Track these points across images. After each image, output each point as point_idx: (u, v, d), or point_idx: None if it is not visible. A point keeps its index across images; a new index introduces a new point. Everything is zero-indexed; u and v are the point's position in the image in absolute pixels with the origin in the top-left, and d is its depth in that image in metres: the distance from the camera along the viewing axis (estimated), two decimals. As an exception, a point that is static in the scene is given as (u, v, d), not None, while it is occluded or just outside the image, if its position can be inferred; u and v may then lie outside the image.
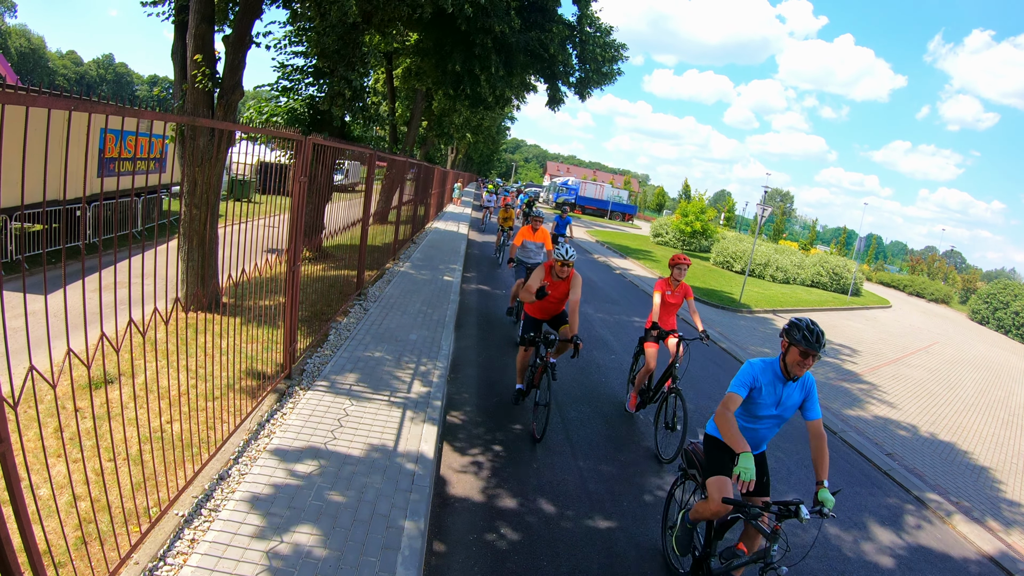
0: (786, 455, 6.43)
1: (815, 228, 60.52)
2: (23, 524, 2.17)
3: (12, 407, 2.13)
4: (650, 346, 6.09)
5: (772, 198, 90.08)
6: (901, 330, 19.95)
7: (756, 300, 17.95)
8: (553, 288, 5.64)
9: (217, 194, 7.15)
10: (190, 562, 2.99)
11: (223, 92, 6.96)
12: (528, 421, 5.89)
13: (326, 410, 4.95)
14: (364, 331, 7.28)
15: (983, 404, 11.44)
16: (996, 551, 5.33)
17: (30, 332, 2.20)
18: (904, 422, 8.90)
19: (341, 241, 8.93)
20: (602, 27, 13.75)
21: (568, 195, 54.81)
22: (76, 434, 3.94)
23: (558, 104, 14.99)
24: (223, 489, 3.66)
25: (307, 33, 10.11)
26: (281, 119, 10.56)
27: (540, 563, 3.82)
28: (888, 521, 5.50)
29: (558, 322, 5.97)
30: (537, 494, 4.63)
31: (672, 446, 5.56)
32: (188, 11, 6.77)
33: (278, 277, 5.49)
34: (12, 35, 77.61)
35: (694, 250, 31.84)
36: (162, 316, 3.25)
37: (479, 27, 11.16)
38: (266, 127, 6.87)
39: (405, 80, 17.76)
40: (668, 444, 5.66)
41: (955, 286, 41.41)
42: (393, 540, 3.44)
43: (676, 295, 6.28)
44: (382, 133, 21.76)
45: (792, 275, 25.77)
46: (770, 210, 18.13)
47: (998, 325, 27.85)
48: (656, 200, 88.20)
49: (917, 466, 7.08)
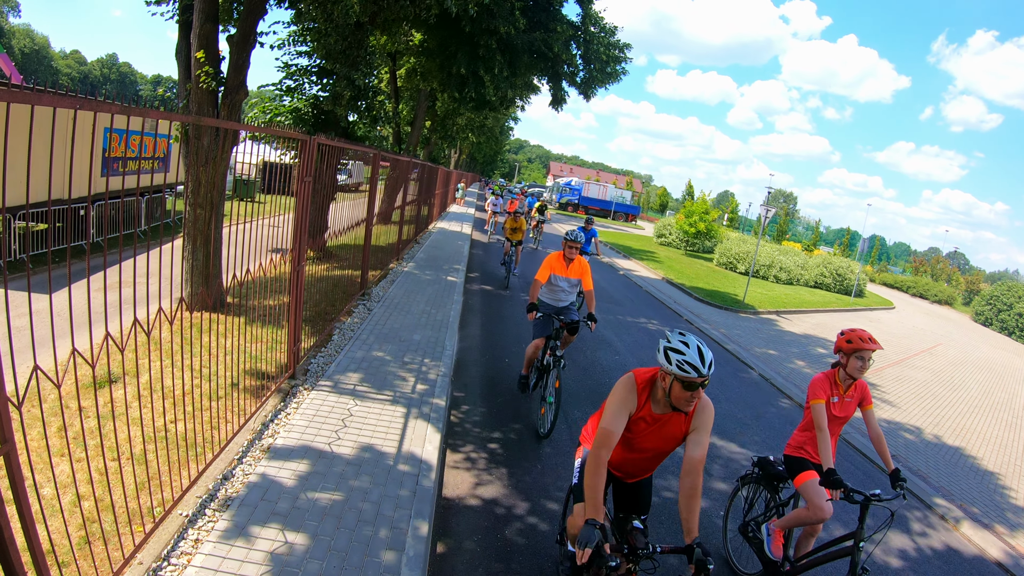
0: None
1: (818, 229, 60.38)
2: (27, 523, 2.16)
3: (16, 407, 2.12)
4: (814, 485, 3.52)
5: (775, 199, 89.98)
6: (904, 332, 19.88)
7: (760, 301, 17.91)
8: None
9: (221, 194, 7.15)
10: (194, 562, 2.98)
11: (227, 92, 6.96)
12: (532, 420, 5.88)
13: (330, 410, 4.95)
14: (368, 331, 7.27)
15: (987, 406, 11.39)
16: (1002, 555, 5.30)
17: (35, 331, 2.19)
18: (908, 424, 8.87)
19: (345, 241, 8.93)
20: (606, 27, 13.74)
21: (571, 196, 54.82)
22: (80, 433, 3.93)
23: (561, 104, 14.98)
24: (227, 489, 3.65)
25: (311, 33, 10.11)
26: (285, 119, 10.56)
27: (543, 564, 3.81)
28: (893, 523, 5.47)
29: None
30: (541, 495, 4.61)
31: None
32: (192, 11, 6.77)
33: (282, 277, 5.49)
34: (16, 34, 77.87)
35: (697, 251, 31.80)
36: (167, 316, 3.25)
37: (484, 28, 11.14)
38: (271, 127, 6.87)
39: (409, 80, 17.74)
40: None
41: (958, 288, 41.30)
42: (397, 541, 3.43)
43: (848, 403, 3.68)
44: (386, 133, 21.77)
45: (795, 276, 25.72)
46: (774, 211, 18.10)
47: (1002, 327, 27.75)
48: (659, 201, 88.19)
49: (921, 468, 7.04)
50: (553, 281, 6.03)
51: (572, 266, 5.99)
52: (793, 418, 7.86)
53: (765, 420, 7.52)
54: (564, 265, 5.98)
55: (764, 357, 11.10)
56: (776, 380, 9.50)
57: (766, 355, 11.32)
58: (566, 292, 6.10)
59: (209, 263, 6.89)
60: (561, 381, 5.42)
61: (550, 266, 5.94)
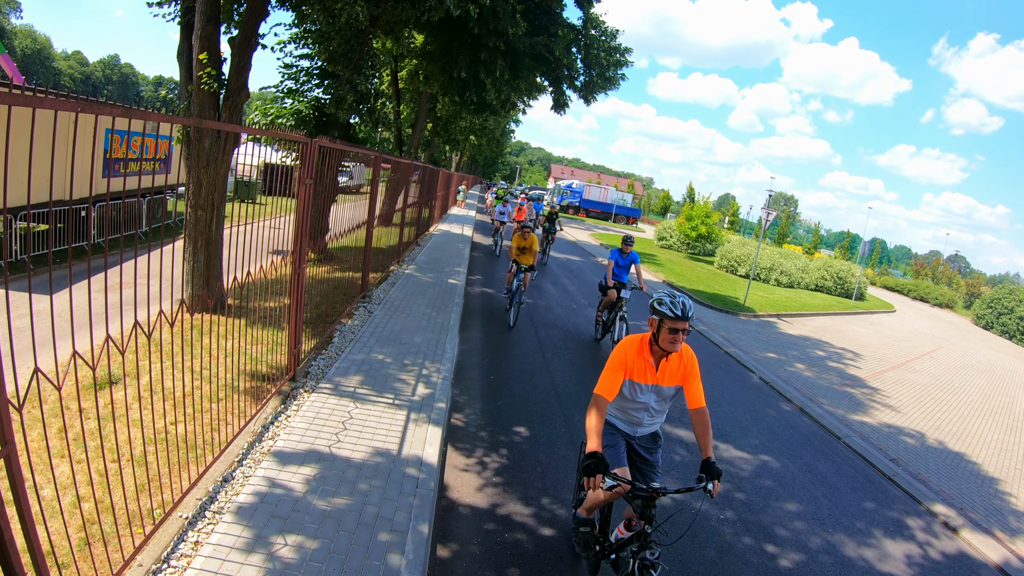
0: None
1: (819, 232, 60.27)
2: (27, 524, 2.16)
3: (17, 408, 2.12)
4: None
5: (776, 202, 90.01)
6: (905, 335, 19.87)
7: (760, 304, 17.90)
8: None
9: (222, 195, 7.15)
10: (194, 565, 2.98)
11: (229, 94, 6.98)
12: (532, 425, 5.89)
13: (330, 413, 4.94)
14: (368, 333, 7.27)
15: (987, 409, 11.37)
16: (1002, 560, 5.29)
17: (35, 332, 2.19)
18: (908, 427, 8.85)
19: (346, 243, 8.94)
20: (607, 30, 13.76)
21: (572, 198, 54.84)
22: (80, 435, 3.93)
23: (563, 108, 15.01)
24: (227, 491, 3.65)
25: (313, 35, 10.13)
26: (287, 121, 10.58)
27: (544, 567, 3.80)
28: (893, 527, 5.46)
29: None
30: (541, 497, 4.61)
31: None
32: (194, 12, 6.79)
33: (283, 279, 5.49)
34: (18, 35, 78.07)
35: (698, 254, 31.79)
36: (167, 318, 3.25)
37: (492, 29, 11.15)
38: (272, 129, 6.88)
39: (410, 82, 17.76)
40: None
41: (959, 291, 41.23)
42: (397, 544, 3.42)
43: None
44: (387, 135, 21.79)
45: (796, 279, 25.70)
46: (775, 214, 18.07)
47: (1002, 330, 27.72)
48: (660, 203, 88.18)
49: (922, 472, 7.03)
50: (630, 395, 3.34)
51: (667, 365, 3.26)
52: (793, 421, 7.86)
53: (765, 423, 7.51)
54: (651, 362, 3.26)
55: (764, 360, 11.09)
56: (776, 383, 9.50)
57: (766, 358, 11.31)
58: (652, 412, 3.41)
59: (210, 265, 6.90)
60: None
61: (623, 365, 3.24)
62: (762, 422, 7.53)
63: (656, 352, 3.25)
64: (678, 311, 3.06)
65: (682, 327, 3.08)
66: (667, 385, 3.29)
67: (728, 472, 5.81)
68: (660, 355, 3.25)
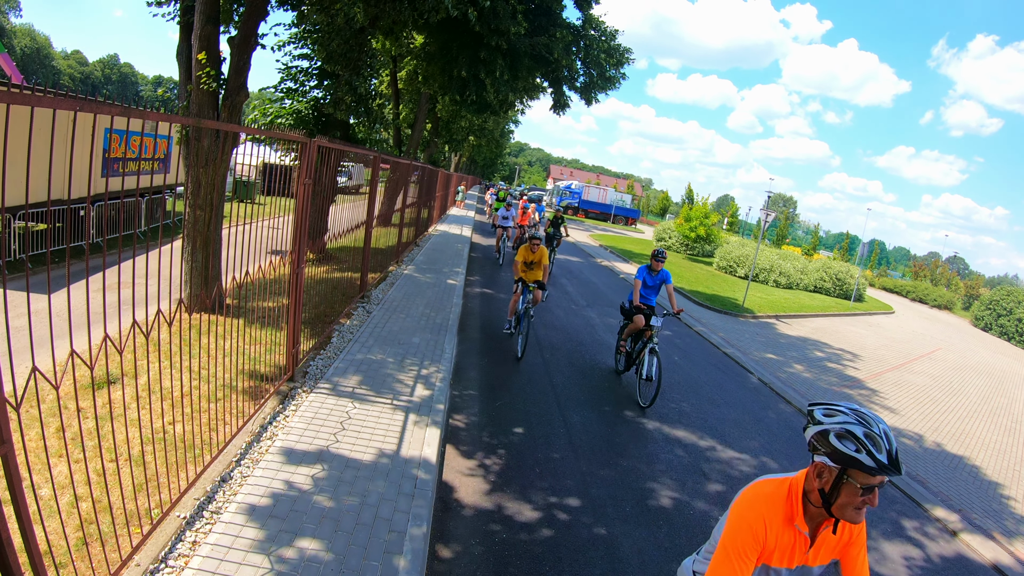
0: (789, 461, 6.40)
1: (818, 233, 60.39)
2: (24, 524, 2.16)
3: (15, 408, 2.12)
4: None
5: (775, 203, 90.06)
6: (904, 336, 19.89)
7: (759, 305, 17.91)
8: None
9: (221, 195, 7.16)
10: (191, 564, 2.97)
11: (228, 93, 6.97)
12: (530, 425, 5.88)
13: (329, 413, 4.94)
14: (367, 334, 7.27)
15: (986, 411, 11.39)
16: (999, 561, 5.29)
17: (33, 331, 2.19)
18: (907, 429, 8.86)
19: (345, 243, 8.93)
20: (607, 31, 13.76)
21: (571, 199, 54.84)
22: (78, 434, 3.93)
23: (563, 108, 15.00)
24: (225, 491, 3.65)
25: (312, 35, 10.13)
26: (286, 121, 10.57)
27: (543, 568, 3.80)
28: (891, 528, 5.47)
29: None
30: (540, 497, 4.61)
31: None
32: (194, 12, 6.79)
33: (282, 279, 5.49)
34: (17, 34, 77.99)
35: (697, 255, 31.82)
36: (165, 318, 3.25)
37: (494, 28, 11.15)
38: (271, 129, 6.87)
39: (410, 82, 17.76)
40: None
41: (958, 292, 41.26)
42: (396, 544, 3.42)
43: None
44: (386, 136, 21.79)
45: (795, 280, 25.72)
46: (774, 215, 18.08)
47: (1001, 331, 27.75)
48: (660, 204, 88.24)
49: (920, 473, 7.04)
50: None
51: (827, 535, 1.90)
52: (792, 423, 7.86)
53: (764, 424, 7.51)
54: (805, 535, 1.87)
55: (763, 361, 11.10)
56: (775, 384, 9.50)
57: (765, 359, 11.32)
58: None
59: (209, 264, 6.89)
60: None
61: (757, 542, 1.83)
62: (761, 423, 7.53)
63: (817, 517, 1.85)
64: (883, 456, 1.72)
65: (883, 481, 1.75)
66: (816, 565, 1.94)
67: (727, 474, 5.81)
68: (822, 521, 1.86)
